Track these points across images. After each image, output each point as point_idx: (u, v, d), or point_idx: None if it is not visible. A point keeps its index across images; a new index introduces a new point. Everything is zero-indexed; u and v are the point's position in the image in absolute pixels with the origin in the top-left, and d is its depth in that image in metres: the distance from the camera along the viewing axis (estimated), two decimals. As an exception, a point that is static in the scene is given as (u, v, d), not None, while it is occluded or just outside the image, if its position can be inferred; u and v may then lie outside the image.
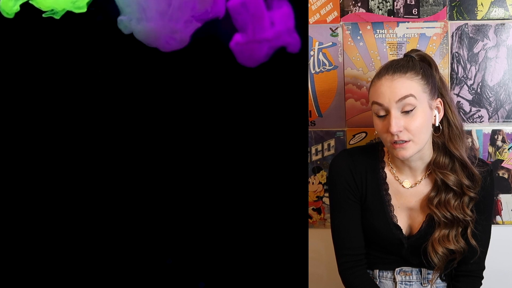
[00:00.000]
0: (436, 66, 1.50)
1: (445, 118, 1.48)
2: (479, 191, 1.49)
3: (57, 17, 1.33)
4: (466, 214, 1.48)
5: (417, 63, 1.45)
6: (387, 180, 1.54)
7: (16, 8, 1.31)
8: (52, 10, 1.32)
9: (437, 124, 1.46)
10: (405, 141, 1.41)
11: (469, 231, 1.50)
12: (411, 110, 1.40)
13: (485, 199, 1.52)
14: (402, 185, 1.54)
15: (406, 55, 1.50)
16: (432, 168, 1.50)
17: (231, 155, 1.46)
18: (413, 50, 1.52)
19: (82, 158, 1.43)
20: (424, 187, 1.53)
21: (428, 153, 1.50)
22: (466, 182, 1.47)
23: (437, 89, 1.46)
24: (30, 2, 1.32)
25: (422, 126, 1.41)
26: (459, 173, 1.47)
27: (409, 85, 1.39)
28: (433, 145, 1.50)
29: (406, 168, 1.53)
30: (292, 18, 1.39)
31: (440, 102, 1.46)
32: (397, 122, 1.39)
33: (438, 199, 1.49)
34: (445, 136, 1.48)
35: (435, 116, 1.45)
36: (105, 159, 1.43)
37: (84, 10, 1.34)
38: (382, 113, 1.42)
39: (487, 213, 1.54)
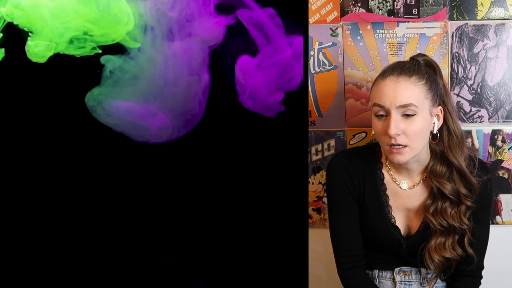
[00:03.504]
0: (441, 73, 1.49)
1: (446, 126, 1.47)
2: (476, 200, 1.48)
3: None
4: (463, 222, 1.48)
5: (423, 67, 1.44)
6: (385, 181, 1.54)
7: None
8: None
9: (435, 132, 1.45)
10: (402, 146, 1.41)
11: (466, 239, 1.49)
12: (412, 115, 1.39)
13: (483, 207, 1.51)
14: (400, 187, 1.54)
15: (412, 58, 1.49)
16: (428, 175, 1.50)
17: (231, 155, 1.46)
18: (419, 54, 1.51)
19: (82, 160, 1.43)
20: (422, 190, 1.53)
21: (425, 157, 1.49)
22: (463, 191, 1.47)
23: (439, 96, 1.45)
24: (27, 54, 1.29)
25: (421, 132, 1.41)
26: (457, 182, 1.47)
27: (412, 92, 1.39)
28: (430, 152, 1.50)
29: (403, 170, 1.53)
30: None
31: (441, 110, 1.46)
32: (396, 125, 1.39)
33: (435, 207, 1.49)
34: (444, 144, 1.47)
35: (434, 123, 1.45)
36: (106, 160, 1.43)
37: (99, 50, 1.32)
38: (382, 112, 1.42)
39: (484, 222, 1.53)
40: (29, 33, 1.28)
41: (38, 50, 1.27)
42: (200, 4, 1.32)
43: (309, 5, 1.80)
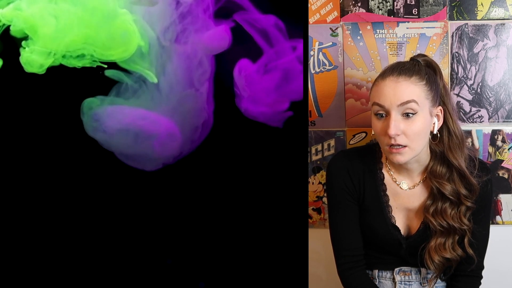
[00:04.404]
0: (441, 74, 1.48)
1: (446, 127, 1.47)
2: (476, 200, 1.48)
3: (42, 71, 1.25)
4: (462, 223, 1.48)
5: (423, 68, 1.44)
6: (385, 181, 1.54)
7: None
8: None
9: (435, 132, 1.45)
10: (402, 146, 1.40)
11: (466, 240, 1.50)
12: (412, 115, 1.39)
13: (483, 208, 1.51)
14: (400, 187, 1.54)
15: (412, 58, 1.49)
16: (428, 176, 1.50)
17: (231, 155, 1.47)
18: (420, 55, 1.51)
19: (82, 159, 1.43)
20: (422, 190, 1.53)
21: (425, 157, 1.49)
22: (463, 191, 1.46)
23: (439, 96, 1.45)
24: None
25: (420, 132, 1.41)
26: (457, 183, 1.47)
27: (413, 90, 1.39)
28: (431, 153, 1.49)
29: (403, 170, 1.53)
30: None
31: (441, 110, 1.46)
32: (396, 125, 1.39)
33: (435, 207, 1.48)
34: (444, 144, 1.47)
35: (434, 123, 1.45)
36: (106, 159, 1.43)
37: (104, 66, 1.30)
38: (381, 111, 1.42)
39: (484, 222, 1.53)
40: (28, 38, 1.24)
41: (33, 58, 1.24)
42: (200, 13, 1.32)
43: (309, 5, 1.80)
